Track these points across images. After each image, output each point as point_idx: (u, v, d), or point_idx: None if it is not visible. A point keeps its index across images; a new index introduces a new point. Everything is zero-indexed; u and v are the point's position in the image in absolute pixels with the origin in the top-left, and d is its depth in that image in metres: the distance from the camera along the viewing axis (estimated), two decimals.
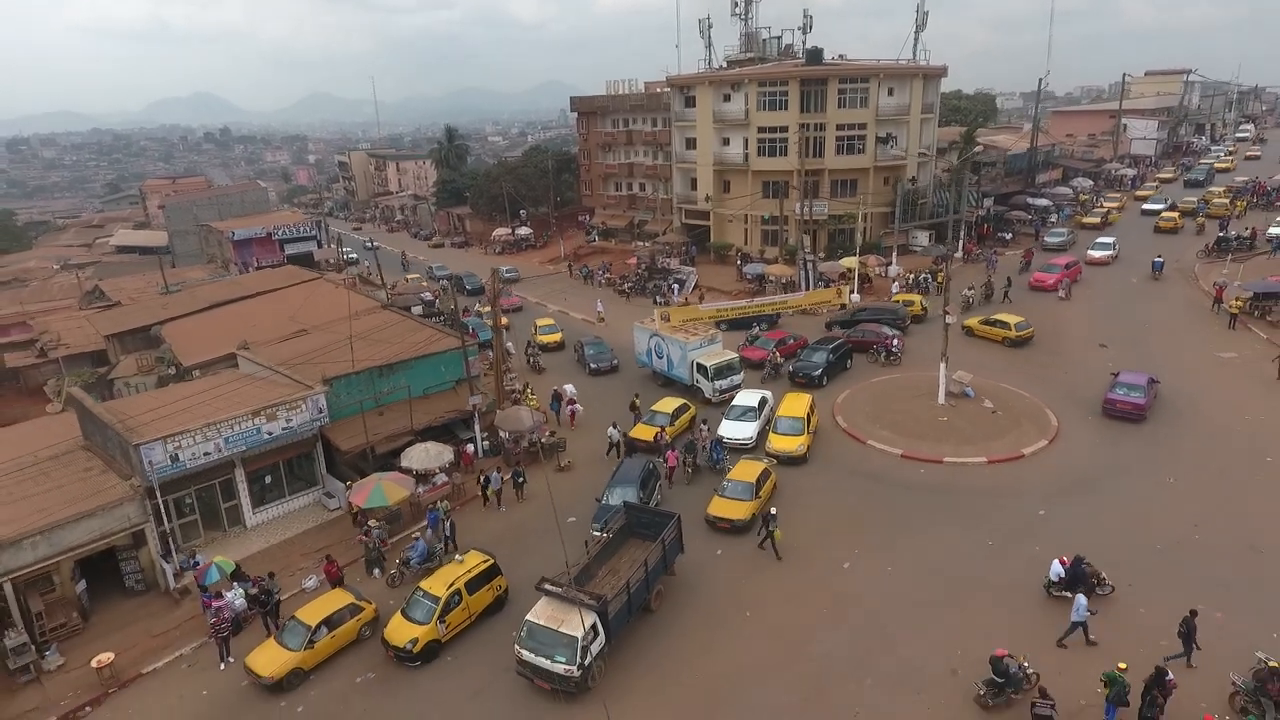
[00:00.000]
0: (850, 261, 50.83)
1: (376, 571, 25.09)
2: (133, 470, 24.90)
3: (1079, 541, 22.98)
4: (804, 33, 66.27)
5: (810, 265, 52.88)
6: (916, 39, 60.31)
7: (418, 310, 48.75)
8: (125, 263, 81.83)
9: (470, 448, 31.50)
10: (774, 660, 19.83)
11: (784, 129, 57.90)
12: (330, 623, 21.24)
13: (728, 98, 60.93)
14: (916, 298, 45.94)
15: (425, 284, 61.43)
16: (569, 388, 36.22)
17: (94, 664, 21.06)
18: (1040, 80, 67.77)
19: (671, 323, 39.01)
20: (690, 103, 63.66)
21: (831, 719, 17.99)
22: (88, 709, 20.57)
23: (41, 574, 22.88)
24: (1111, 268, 50.74)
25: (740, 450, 30.42)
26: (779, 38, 69.07)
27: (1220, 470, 26.98)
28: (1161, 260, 48.98)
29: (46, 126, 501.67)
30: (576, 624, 18.67)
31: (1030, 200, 65.08)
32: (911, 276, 50.47)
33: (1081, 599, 19.21)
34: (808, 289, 49.75)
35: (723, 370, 35.50)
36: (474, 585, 21.91)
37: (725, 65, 68.39)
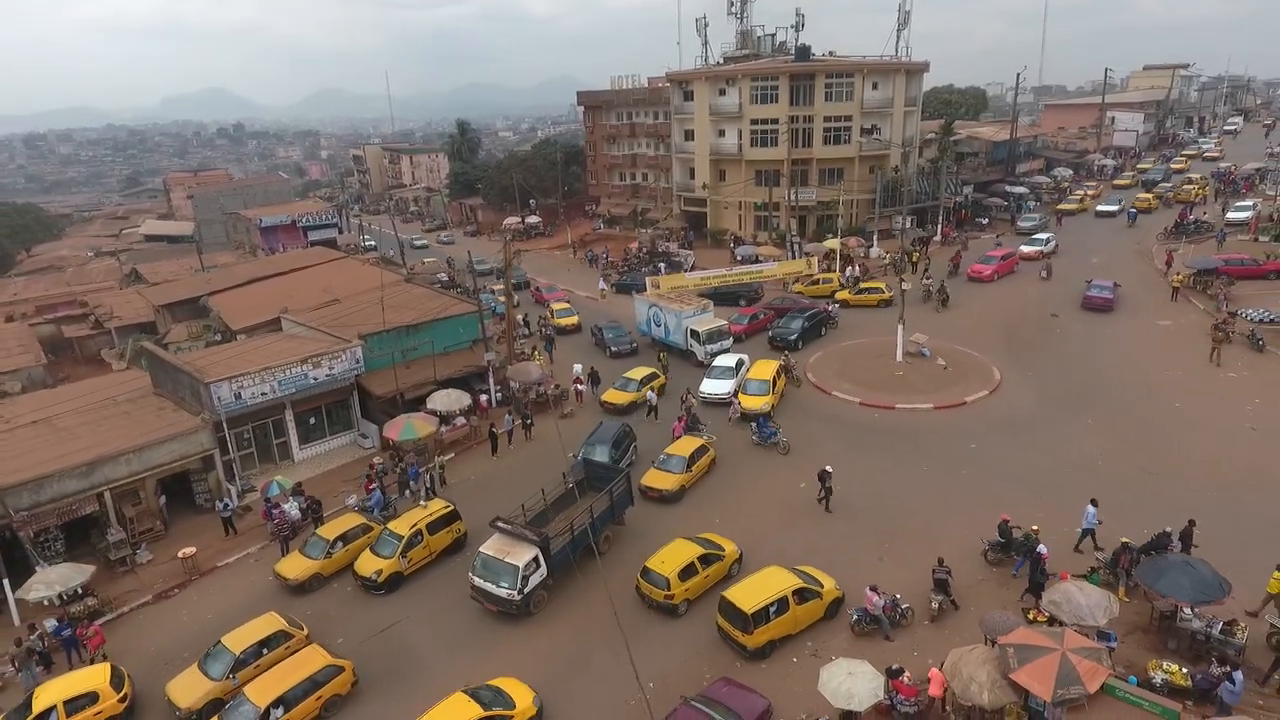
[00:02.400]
0: (833, 243, 55.05)
1: (407, 492, 29.62)
2: (202, 407, 29.56)
3: (1001, 467, 27.51)
4: (796, 30, 70.42)
5: (796, 246, 57.20)
6: (899, 36, 64.35)
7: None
8: (155, 250, 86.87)
9: (484, 397, 36.01)
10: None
11: (775, 121, 62.15)
12: (345, 538, 25.23)
13: (723, 92, 65.20)
14: (834, 276, 50.61)
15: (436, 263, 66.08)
16: (577, 367, 38.19)
17: (180, 555, 25.81)
18: (1018, 75, 71.68)
19: (661, 290, 43.29)
20: (689, 97, 67.97)
21: None
22: (175, 591, 25.30)
23: (132, 488, 27.54)
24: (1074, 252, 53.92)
25: (719, 404, 34.25)
26: (773, 35, 73.26)
27: (1134, 415, 31.20)
28: (1135, 210, 58.15)
29: (62, 123, 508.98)
30: (520, 555, 21.82)
31: (1008, 188, 69.10)
32: (889, 257, 54.65)
33: (1091, 508, 22.62)
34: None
35: (713, 335, 39.45)
36: (435, 527, 24.98)
37: (721, 61, 72.62)
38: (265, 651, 20.67)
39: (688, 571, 21.90)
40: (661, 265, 58.46)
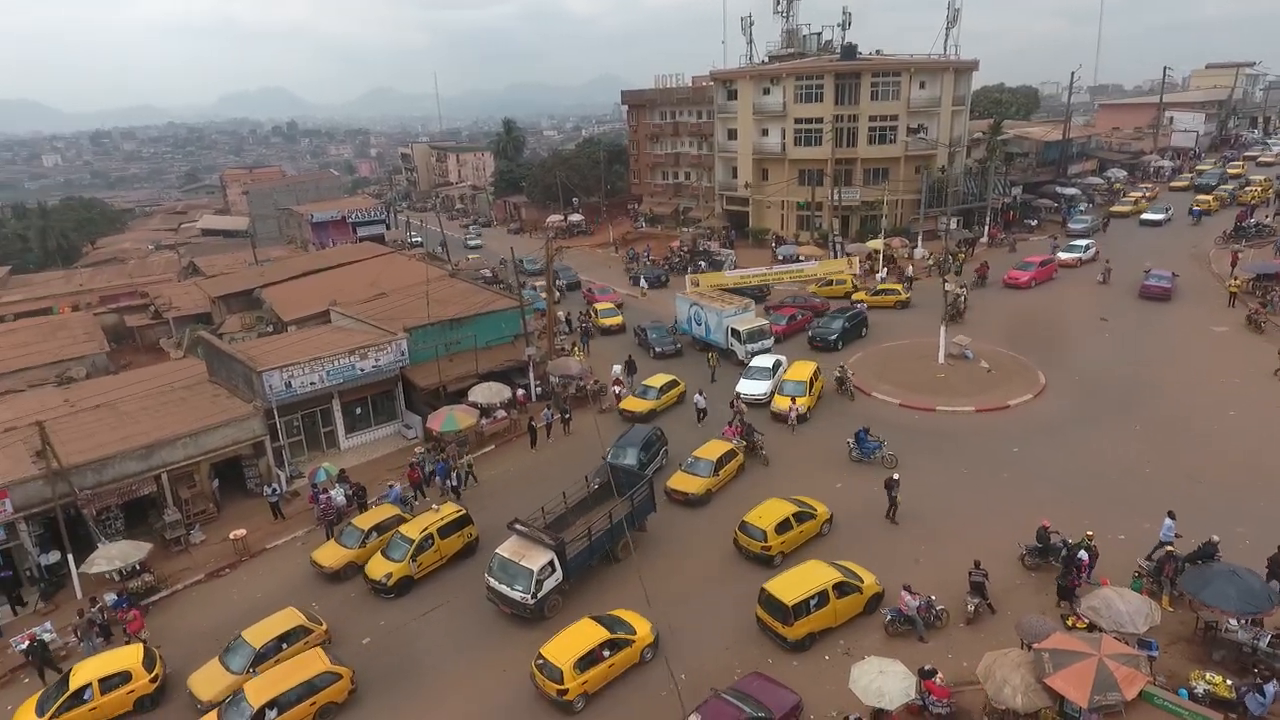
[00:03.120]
0: (876, 243, 54.53)
1: (458, 481, 30.26)
2: (254, 395, 30.63)
3: (1043, 471, 27.11)
4: (843, 29, 69.83)
5: (839, 246, 56.80)
6: (948, 34, 63.43)
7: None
8: (212, 243, 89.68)
9: (523, 391, 36.58)
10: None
11: (819, 120, 61.77)
12: (380, 528, 25.58)
13: (767, 91, 65.00)
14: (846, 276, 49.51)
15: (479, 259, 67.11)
16: (617, 368, 38.01)
17: (231, 536, 26.84)
18: (1072, 74, 70.00)
19: (700, 288, 43.39)
20: (732, 96, 67.88)
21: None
22: (226, 570, 26.32)
23: (187, 471, 28.69)
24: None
25: (755, 405, 33.88)
26: (819, 34, 72.73)
27: (1184, 422, 30.40)
28: (1199, 210, 57.74)
29: (126, 121, 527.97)
30: (536, 559, 21.73)
31: (1059, 189, 67.58)
32: (932, 258, 53.91)
33: (1169, 520, 21.85)
34: None
35: (754, 334, 39.19)
36: (446, 531, 24.76)
37: (766, 60, 72.37)
38: (285, 646, 20.76)
39: (784, 526, 23.47)
40: (701, 264, 58.54)
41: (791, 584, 20.43)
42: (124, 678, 20.05)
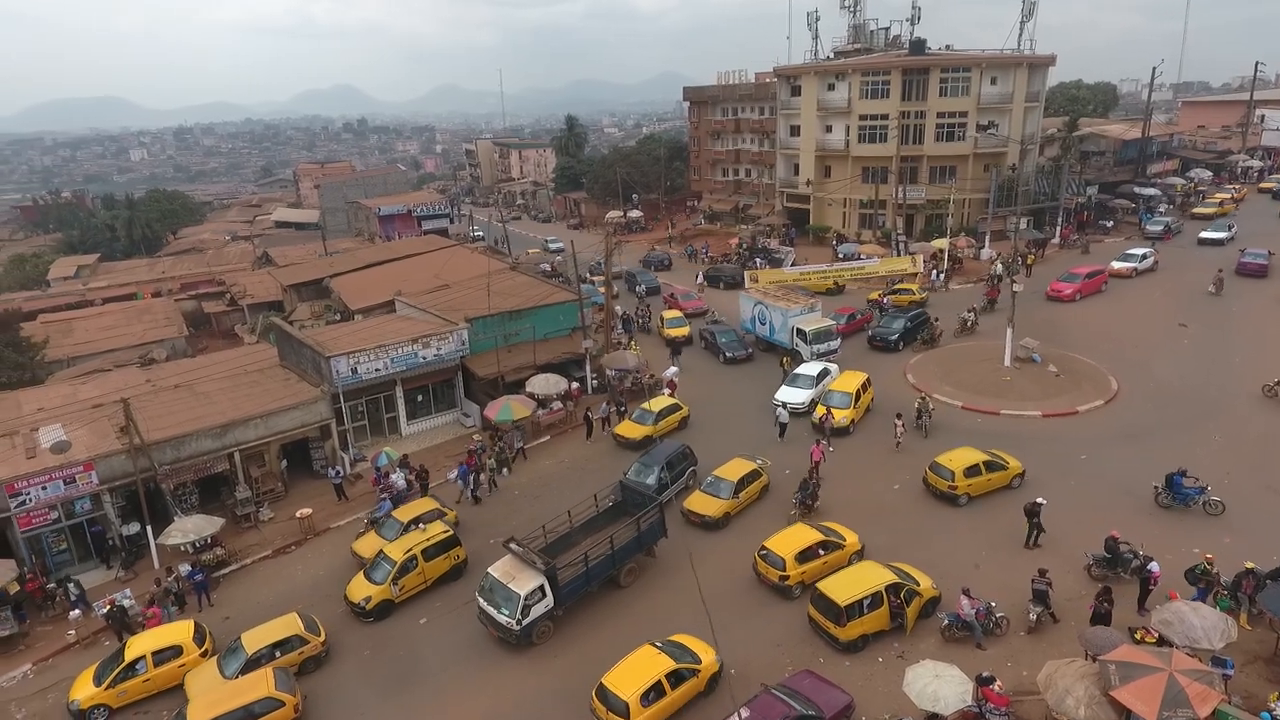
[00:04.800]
0: (941, 243, 53.23)
1: (506, 471, 30.83)
2: (322, 379, 31.68)
3: (1113, 480, 26.14)
4: (911, 24, 68.33)
5: (902, 245, 55.65)
6: (1022, 29, 61.43)
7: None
8: (284, 235, 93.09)
9: (577, 384, 36.90)
10: None
11: (884, 117, 60.61)
12: (419, 521, 25.42)
13: (832, 87, 64.05)
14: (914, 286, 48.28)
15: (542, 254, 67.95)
16: (671, 370, 37.32)
17: (297, 515, 27.83)
18: (1154, 69, 66.82)
19: (759, 284, 42.99)
20: (796, 92, 67.10)
21: None
22: (292, 547, 27.31)
23: (258, 451, 29.85)
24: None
25: (795, 414, 32.39)
26: (886, 29, 71.37)
27: (1267, 432, 28.86)
28: None
29: (206, 117, 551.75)
30: (525, 583, 20.60)
31: (1137, 189, 64.80)
32: (1000, 258, 52.33)
33: None
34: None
35: (820, 335, 37.76)
36: (431, 553, 23.50)
37: (832, 56, 71.34)
38: (279, 654, 20.42)
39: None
40: (759, 261, 58.09)
41: (845, 584, 20.16)
42: (176, 651, 20.90)
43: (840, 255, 56.79)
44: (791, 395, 33.75)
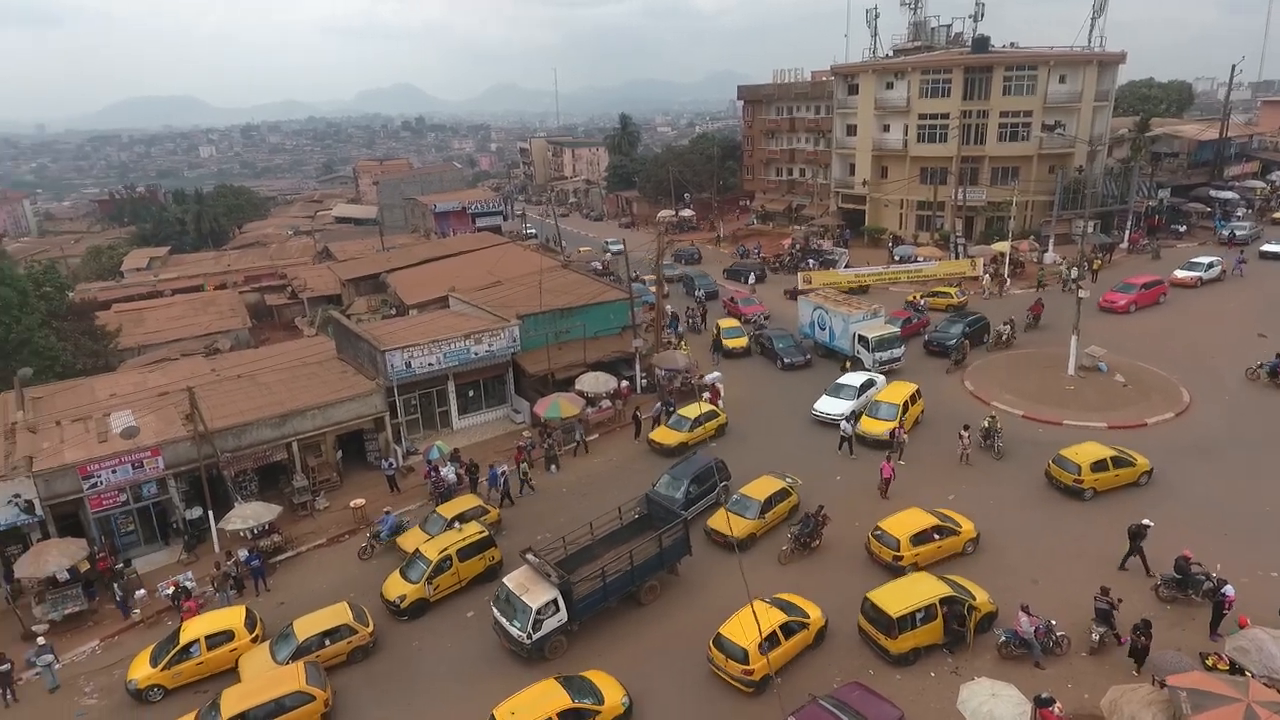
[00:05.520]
0: (1002, 246, 51.73)
1: (553, 468, 30.99)
2: (377, 372, 32.29)
3: (1183, 497, 25.01)
4: (975, 21, 66.56)
5: (961, 248, 54.27)
6: (1093, 25, 59.31)
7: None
8: (344, 230, 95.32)
9: (627, 383, 36.86)
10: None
11: (945, 116, 59.20)
12: (462, 518, 25.69)
13: (890, 85, 62.80)
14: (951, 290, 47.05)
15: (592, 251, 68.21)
16: (715, 374, 36.81)
17: (351, 505, 28.39)
18: (1233, 67, 63.74)
19: (813, 285, 42.31)
20: (853, 90, 66.00)
21: None
22: (345, 536, 27.86)
23: (315, 441, 30.56)
24: None
25: (830, 424, 31.74)
26: (948, 26, 69.65)
27: None
28: None
29: (273, 115, 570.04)
30: (538, 595, 20.12)
31: (1213, 193, 62.00)
32: (1065, 263, 50.63)
33: None
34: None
35: (883, 343, 36.62)
36: (466, 553, 23.46)
37: (891, 54, 69.95)
38: (328, 642, 20.78)
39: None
40: (811, 262, 57.32)
41: (897, 595, 19.67)
42: (228, 636, 21.41)
43: (896, 257, 55.75)
44: (832, 406, 32.71)
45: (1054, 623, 19.28)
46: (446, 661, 21.34)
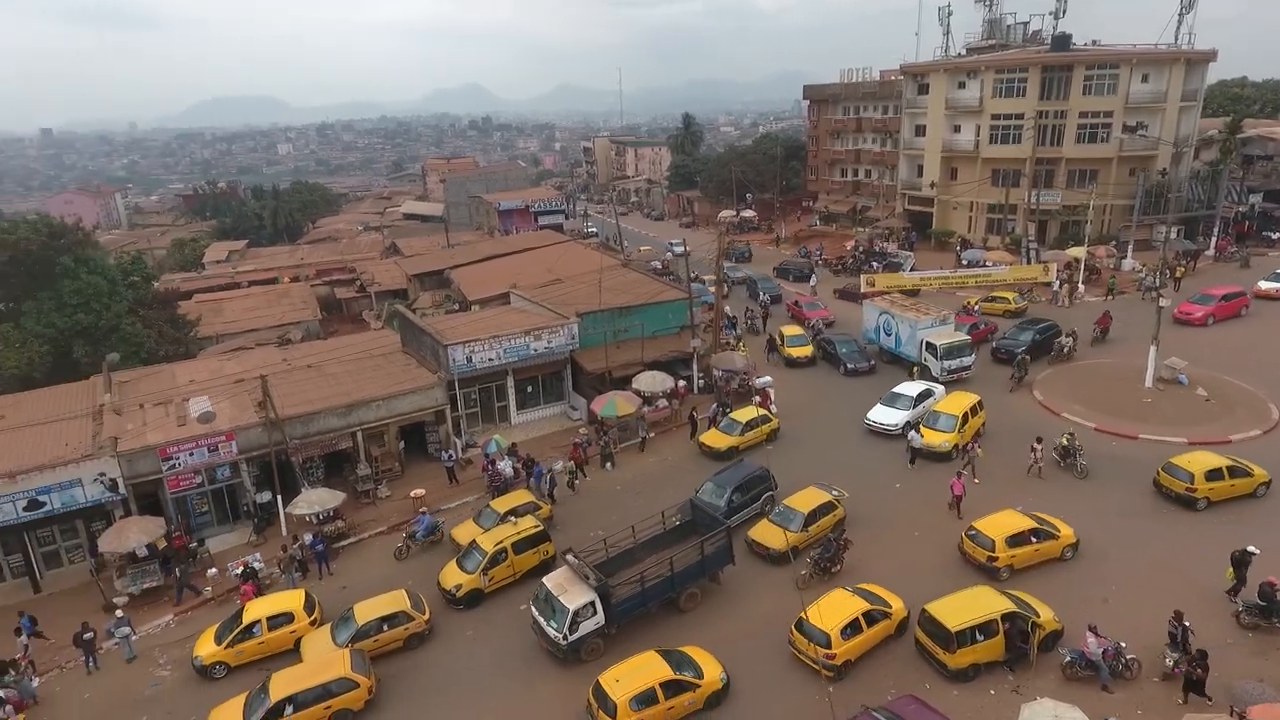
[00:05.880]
0: (1077, 251, 49.84)
1: (608, 465, 31.18)
2: (439, 366, 33.01)
3: (1270, 519, 23.66)
4: (1055, 18, 64.19)
5: (1033, 253, 52.50)
6: (1180, 21, 56.53)
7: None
8: (411, 226, 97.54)
9: (684, 383, 36.80)
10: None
11: (1019, 116, 57.35)
12: (515, 512, 26.01)
13: (962, 85, 61.17)
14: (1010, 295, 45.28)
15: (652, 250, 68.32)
16: (766, 379, 36.13)
17: (411, 494, 29.07)
18: None
19: (877, 287, 41.47)
20: (923, 90, 64.51)
21: None
22: (405, 525, 28.43)
23: (378, 431, 31.42)
24: None
25: (884, 435, 31.13)
26: (1025, 23, 67.40)
27: None
28: None
29: (347, 114, 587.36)
30: (576, 597, 20.23)
31: None
32: (1145, 270, 48.46)
33: None
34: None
35: (952, 350, 35.34)
36: (521, 546, 23.96)
37: (964, 53, 68.11)
38: (386, 628, 21.36)
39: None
40: (875, 264, 56.24)
41: (957, 609, 19.14)
42: (288, 618, 22.15)
43: (964, 261, 54.22)
44: (886, 416, 31.77)
45: (1124, 645, 18.49)
46: (493, 654, 21.62)
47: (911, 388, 33.10)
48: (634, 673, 18.29)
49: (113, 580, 25.34)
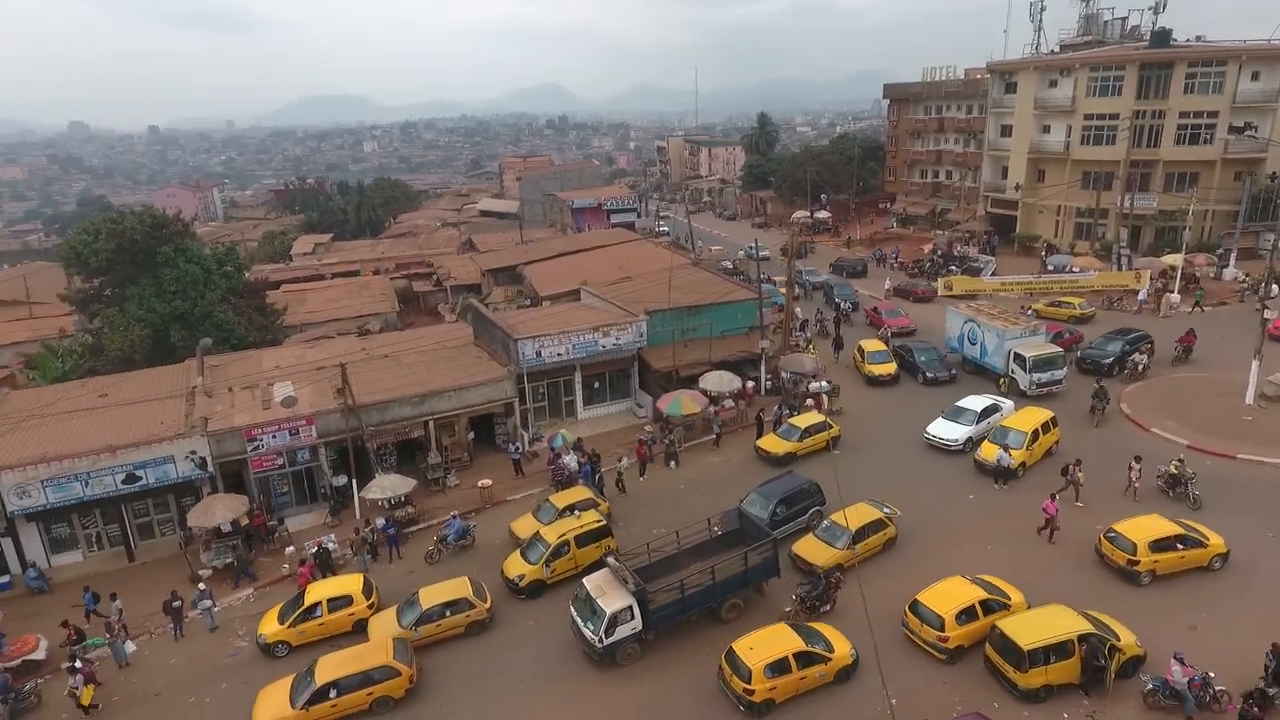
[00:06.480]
0: (1173, 259, 47.21)
1: (673, 464, 31.17)
2: (509, 359, 33.62)
3: None
4: (1155, 13, 61.01)
5: (1125, 260, 50.01)
6: None
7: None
8: (487, 223, 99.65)
9: (752, 384, 36.46)
10: None
11: (1114, 116, 54.68)
12: (574, 508, 25.97)
13: (1053, 83, 58.73)
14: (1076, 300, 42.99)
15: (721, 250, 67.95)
16: (821, 383, 34.93)
17: (479, 484, 29.73)
18: None
19: (954, 291, 40.15)
20: (1010, 89, 62.24)
21: None
22: (472, 514, 29.16)
23: (449, 421, 32.22)
24: None
25: (946, 451, 29.88)
26: (1124, 19, 64.20)
27: None
28: None
29: (429, 113, 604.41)
30: (614, 600, 20.11)
31: None
32: (1248, 280, 45.55)
33: None
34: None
35: (1043, 363, 33.41)
36: (583, 540, 24.20)
37: (1056, 50, 65.39)
38: (448, 613, 21.78)
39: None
40: (954, 269, 54.53)
41: (1031, 627, 18.41)
42: (347, 600, 22.81)
43: (1049, 267, 52.08)
44: (947, 430, 30.37)
45: (1213, 675, 17.43)
46: (542, 649, 21.65)
47: (976, 401, 31.57)
48: (767, 642, 18.85)
49: (199, 553, 26.73)
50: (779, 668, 18.28)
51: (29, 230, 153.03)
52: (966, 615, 19.44)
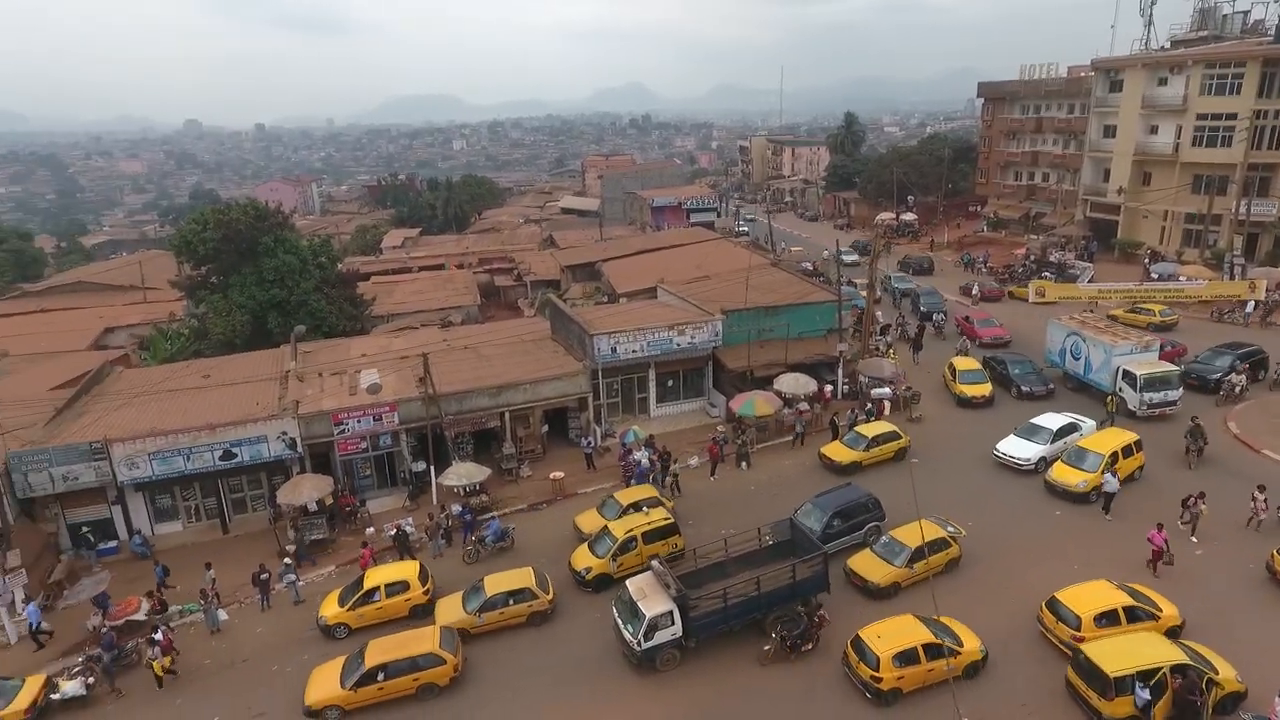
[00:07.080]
0: None
1: (744, 465, 30.92)
2: (585, 354, 34.00)
3: None
4: None
5: (1239, 269, 46.79)
6: None
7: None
8: (567, 220, 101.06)
9: (829, 388, 35.79)
10: None
11: (1231, 116, 51.18)
12: (637, 505, 26.15)
13: (1163, 81, 55.44)
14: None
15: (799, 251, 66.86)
16: (884, 390, 34.12)
17: (551, 476, 30.22)
18: None
19: (1047, 298, 38.46)
20: (1116, 87, 59.10)
21: None
22: (544, 505, 29.72)
23: (524, 413, 32.85)
24: None
25: (1017, 470, 28.38)
26: (1245, 12, 59.97)
27: None
28: None
29: (515, 113, 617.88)
30: (655, 605, 19.89)
31: None
32: None
33: None
34: None
35: (1155, 382, 31.27)
36: (651, 537, 24.29)
37: (1167, 46, 61.65)
38: (511, 602, 22.13)
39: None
40: (1048, 275, 52.15)
41: (1119, 653, 17.45)
42: (404, 586, 23.35)
43: (1154, 275, 49.18)
44: (1018, 449, 28.77)
45: None
46: (588, 648, 21.56)
47: (1053, 420, 29.81)
48: (895, 632, 18.86)
49: (287, 529, 28.09)
50: (907, 658, 18.30)
51: (146, 220, 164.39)
52: (1108, 619, 18.96)
